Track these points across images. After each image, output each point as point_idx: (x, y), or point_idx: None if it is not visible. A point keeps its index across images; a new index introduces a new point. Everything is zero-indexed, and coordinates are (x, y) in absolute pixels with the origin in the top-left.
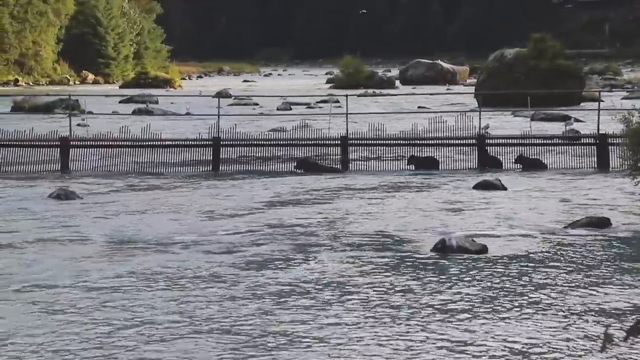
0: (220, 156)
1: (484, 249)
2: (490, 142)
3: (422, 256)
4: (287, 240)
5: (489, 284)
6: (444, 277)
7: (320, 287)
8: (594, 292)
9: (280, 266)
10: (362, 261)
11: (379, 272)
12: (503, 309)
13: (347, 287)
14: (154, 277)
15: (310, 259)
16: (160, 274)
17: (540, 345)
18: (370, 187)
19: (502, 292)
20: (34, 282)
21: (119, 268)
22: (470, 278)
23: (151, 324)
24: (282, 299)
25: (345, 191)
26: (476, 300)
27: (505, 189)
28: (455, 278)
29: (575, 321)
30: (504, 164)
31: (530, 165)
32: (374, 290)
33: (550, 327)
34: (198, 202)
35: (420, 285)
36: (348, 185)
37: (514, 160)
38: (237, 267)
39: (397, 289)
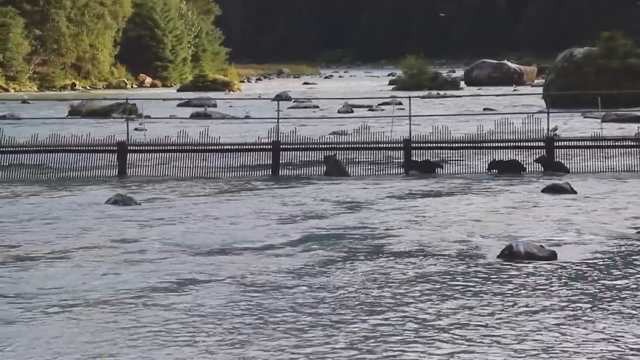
0: (280, 160)
1: (553, 255)
2: (559, 144)
3: (488, 263)
4: (348, 245)
5: (562, 291)
6: (512, 284)
7: (383, 292)
8: None
9: (342, 271)
10: (426, 266)
11: (442, 279)
12: (582, 317)
13: (413, 292)
14: (230, 281)
15: (371, 263)
16: (243, 277)
17: (629, 353)
18: (434, 191)
19: (577, 300)
20: (93, 291)
21: (184, 274)
22: (541, 286)
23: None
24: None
25: (406, 196)
26: (551, 308)
27: (575, 192)
28: (525, 285)
29: None
30: (574, 168)
31: (553, 168)
32: (441, 297)
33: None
34: (259, 206)
35: (489, 293)
36: (410, 191)
37: (534, 160)
38: (318, 267)
39: (462, 297)
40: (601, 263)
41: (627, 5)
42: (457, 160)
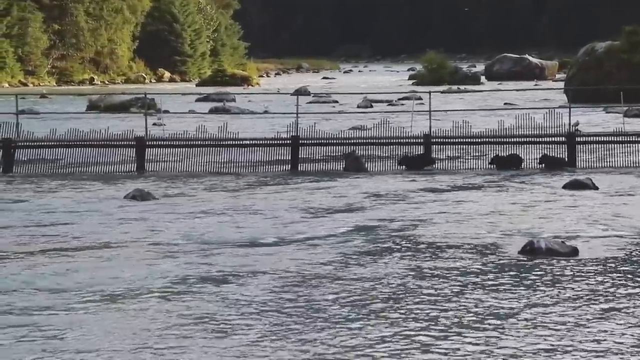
0: (299, 155)
1: (574, 252)
2: (581, 139)
3: (509, 258)
4: (380, 237)
5: (582, 287)
6: (534, 280)
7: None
8: None
9: (356, 270)
10: (448, 263)
11: (464, 276)
12: (605, 315)
13: (435, 289)
14: (250, 277)
15: (388, 261)
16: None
17: None
18: (455, 187)
19: (597, 296)
20: (113, 286)
21: (226, 266)
22: (563, 282)
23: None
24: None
25: (428, 192)
26: (569, 304)
27: (596, 188)
28: (546, 281)
29: None
30: (596, 162)
31: (554, 165)
32: (464, 294)
33: None
34: (278, 201)
35: (512, 289)
36: (431, 186)
37: (538, 161)
38: (357, 259)
39: (486, 293)
40: (625, 260)
41: None
42: (477, 155)
